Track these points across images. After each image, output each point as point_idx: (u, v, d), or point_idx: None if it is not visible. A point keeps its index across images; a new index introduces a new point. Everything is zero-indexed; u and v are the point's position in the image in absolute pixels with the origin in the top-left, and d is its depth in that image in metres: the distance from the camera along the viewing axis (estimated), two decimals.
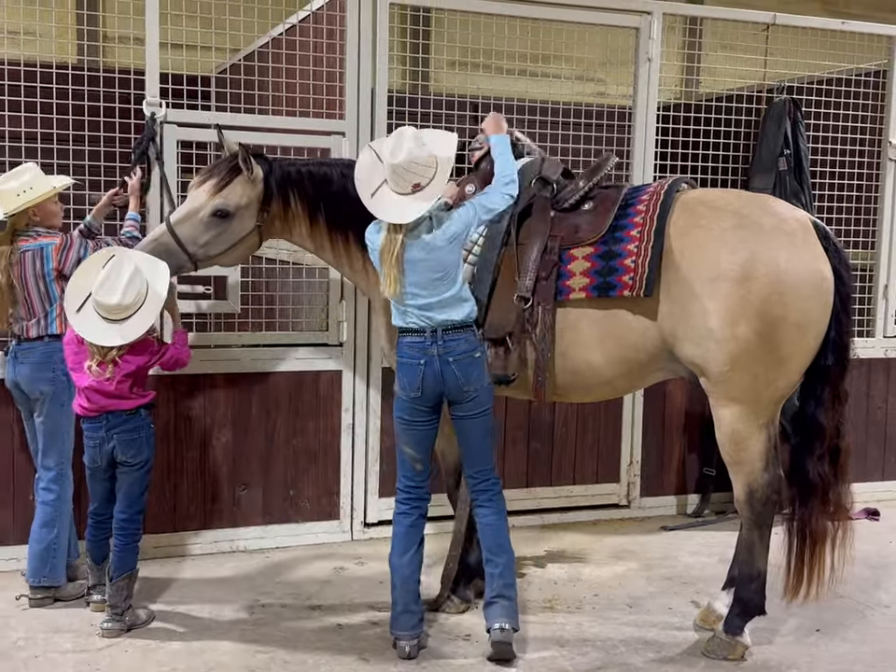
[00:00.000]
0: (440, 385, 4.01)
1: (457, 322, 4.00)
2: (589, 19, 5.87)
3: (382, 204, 3.92)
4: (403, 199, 3.87)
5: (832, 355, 4.10)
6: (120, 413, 4.23)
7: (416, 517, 4.19)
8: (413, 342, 4.03)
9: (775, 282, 3.94)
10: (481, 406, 4.07)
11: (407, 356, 4.04)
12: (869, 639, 4.47)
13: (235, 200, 4.32)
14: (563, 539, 5.76)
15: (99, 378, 4.15)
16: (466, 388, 4.01)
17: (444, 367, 3.98)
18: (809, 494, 4.15)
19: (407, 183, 3.85)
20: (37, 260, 4.46)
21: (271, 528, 5.48)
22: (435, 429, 4.17)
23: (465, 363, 4.00)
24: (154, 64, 5.03)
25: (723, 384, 4.04)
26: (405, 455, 4.19)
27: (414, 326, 4.01)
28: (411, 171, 3.83)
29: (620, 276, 4.10)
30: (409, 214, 3.86)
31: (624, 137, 6.01)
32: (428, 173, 3.87)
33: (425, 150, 3.87)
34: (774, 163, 6.33)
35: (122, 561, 4.30)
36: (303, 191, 4.44)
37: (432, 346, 3.98)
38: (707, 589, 4.92)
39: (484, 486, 4.17)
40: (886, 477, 6.72)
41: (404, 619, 4.12)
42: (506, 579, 4.10)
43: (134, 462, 4.28)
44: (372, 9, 5.35)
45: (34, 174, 4.51)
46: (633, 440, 6.17)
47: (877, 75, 6.53)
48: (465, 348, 4.01)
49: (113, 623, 4.30)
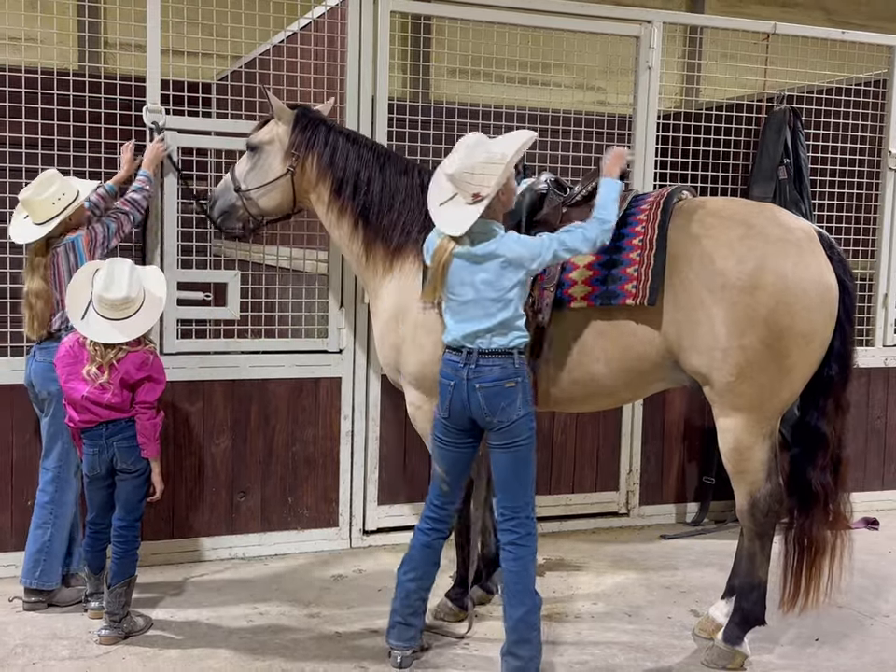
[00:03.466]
0: (466, 410, 3.83)
1: (496, 347, 3.79)
2: (589, 27, 5.88)
3: (441, 215, 3.83)
4: (467, 209, 3.73)
5: (835, 364, 4.10)
6: (119, 421, 4.24)
7: (433, 538, 4.05)
8: (449, 360, 3.88)
9: (782, 291, 3.93)
10: (512, 438, 3.80)
11: (442, 374, 3.91)
12: (869, 649, 4.46)
13: (261, 136, 4.68)
14: (562, 548, 5.75)
15: (96, 381, 4.15)
16: (490, 419, 3.79)
17: (471, 393, 3.79)
18: (811, 503, 4.14)
19: (468, 193, 3.72)
20: (70, 254, 4.46)
21: (269, 536, 5.47)
22: (470, 454, 3.98)
23: (492, 392, 3.77)
24: (155, 71, 5.04)
25: (728, 393, 4.04)
26: (435, 473, 4.05)
27: (454, 344, 3.86)
28: (465, 181, 3.70)
29: (622, 285, 4.08)
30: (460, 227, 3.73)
31: (624, 146, 5.99)
32: (489, 181, 3.70)
33: (481, 158, 3.69)
34: (773, 172, 6.34)
35: (121, 568, 4.30)
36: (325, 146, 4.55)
37: (464, 369, 3.80)
38: (707, 598, 4.91)
39: (510, 526, 3.85)
40: (885, 486, 6.72)
41: (399, 630, 4.06)
42: (519, 634, 3.82)
43: (134, 469, 4.28)
44: (373, 17, 5.36)
45: (60, 182, 4.48)
46: (632, 448, 6.16)
47: (877, 84, 6.54)
48: (497, 376, 3.78)
49: (111, 630, 4.29)
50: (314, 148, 4.56)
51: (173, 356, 5.11)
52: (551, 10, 5.79)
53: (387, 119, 5.44)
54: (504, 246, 3.77)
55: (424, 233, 4.42)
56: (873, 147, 6.50)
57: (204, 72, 6.30)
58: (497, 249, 3.76)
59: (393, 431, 5.65)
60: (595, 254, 4.12)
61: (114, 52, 7.27)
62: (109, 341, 4.15)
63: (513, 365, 3.81)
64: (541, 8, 5.74)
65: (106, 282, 4.11)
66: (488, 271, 3.76)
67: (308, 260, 5.55)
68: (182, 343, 5.22)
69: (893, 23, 11.59)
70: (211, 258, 5.84)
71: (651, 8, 7.78)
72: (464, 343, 3.81)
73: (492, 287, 3.77)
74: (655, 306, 4.05)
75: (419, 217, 4.46)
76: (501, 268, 3.76)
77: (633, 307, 4.09)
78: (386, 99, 5.43)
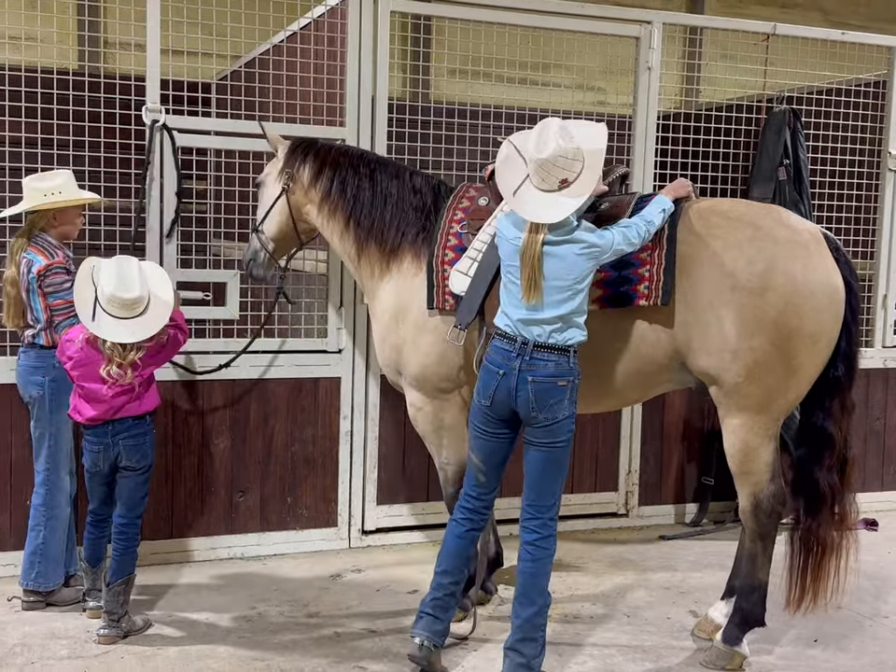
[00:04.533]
0: (511, 402, 3.75)
1: (554, 342, 3.71)
2: (589, 28, 5.88)
3: (525, 202, 3.67)
4: (549, 196, 3.62)
5: (842, 365, 4.11)
6: (126, 419, 4.23)
7: (467, 529, 3.98)
8: (500, 347, 3.77)
9: (792, 293, 3.94)
10: (552, 437, 3.76)
11: (490, 360, 3.80)
12: (868, 650, 4.46)
13: (263, 173, 4.85)
14: (561, 548, 5.66)
15: (119, 381, 4.14)
16: (535, 414, 3.72)
17: (521, 385, 3.70)
18: (818, 504, 4.14)
19: (554, 179, 3.60)
20: (25, 270, 4.45)
21: (268, 535, 5.46)
22: (509, 445, 3.91)
23: (544, 387, 3.70)
24: (155, 70, 5.04)
25: (736, 394, 4.04)
26: (472, 462, 3.97)
27: (509, 331, 3.75)
28: (558, 165, 3.58)
29: (634, 286, 4.06)
30: (556, 213, 3.61)
31: (624, 146, 6.02)
32: (576, 167, 3.61)
33: (572, 143, 3.60)
34: (773, 173, 6.34)
35: (120, 565, 4.29)
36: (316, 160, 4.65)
37: (517, 359, 3.71)
38: (706, 598, 4.91)
39: (533, 526, 3.84)
40: (884, 487, 6.72)
41: (427, 621, 3.94)
42: (525, 632, 3.82)
43: (139, 467, 4.28)
44: (373, 17, 5.36)
45: (65, 179, 4.51)
46: (631, 448, 6.16)
47: (877, 85, 6.55)
48: (551, 372, 3.70)
49: (109, 629, 4.28)
50: (305, 162, 4.65)
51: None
52: (550, 11, 5.79)
53: (387, 119, 5.44)
54: (583, 234, 3.70)
55: (422, 234, 4.42)
56: (872, 147, 6.50)
57: (204, 72, 6.30)
58: (576, 236, 3.68)
59: (392, 431, 5.65)
60: None
61: (114, 52, 7.27)
62: (124, 340, 4.10)
63: (568, 363, 3.75)
64: (541, 9, 5.75)
65: (118, 282, 4.06)
66: (563, 258, 3.67)
67: (308, 260, 5.54)
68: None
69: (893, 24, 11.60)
70: (210, 257, 5.84)
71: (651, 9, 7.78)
72: (520, 331, 3.73)
73: (563, 275, 3.67)
74: (667, 306, 4.04)
75: (414, 218, 4.47)
76: (577, 256, 3.68)
77: (643, 308, 4.08)
78: (386, 99, 5.43)
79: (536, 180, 3.65)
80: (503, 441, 3.89)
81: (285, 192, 4.69)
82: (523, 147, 3.70)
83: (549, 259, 3.67)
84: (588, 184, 3.66)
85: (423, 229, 4.45)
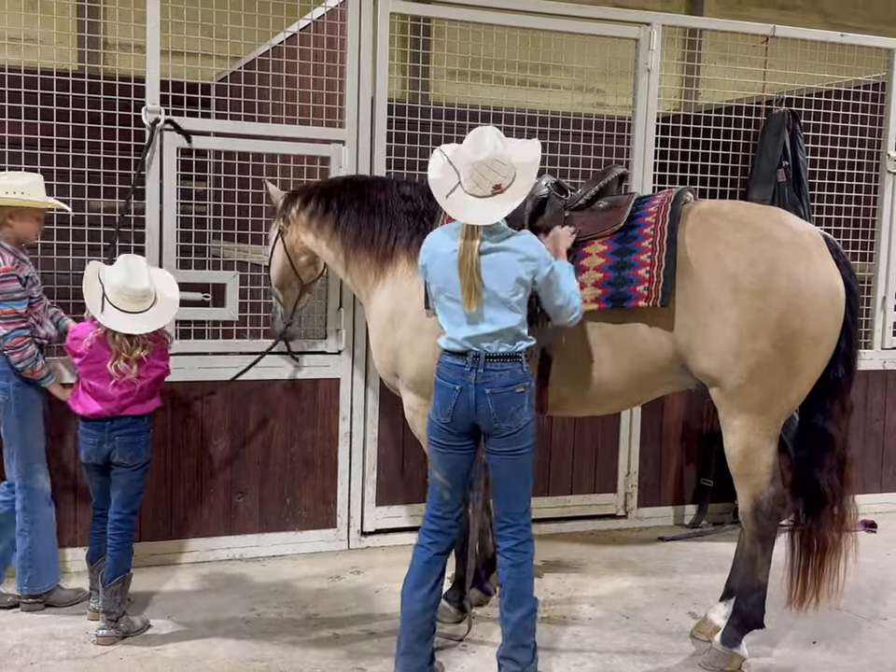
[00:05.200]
0: (472, 415, 3.71)
1: (504, 352, 3.69)
2: (589, 30, 5.88)
3: (456, 206, 3.65)
4: (482, 201, 3.60)
5: (842, 366, 4.12)
6: (125, 417, 4.28)
7: (434, 554, 3.85)
8: (451, 363, 3.74)
9: (794, 295, 3.94)
10: (516, 445, 3.74)
11: (443, 377, 3.77)
12: (866, 652, 4.47)
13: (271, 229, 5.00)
14: (560, 549, 5.75)
15: (125, 376, 4.19)
16: (497, 424, 3.70)
17: (479, 398, 3.67)
18: (819, 505, 4.15)
19: (488, 183, 3.58)
20: None
21: (267, 536, 5.46)
22: (470, 457, 3.84)
23: (502, 397, 3.68)
24: (154, 72, 5.04)
25: (738, 396, 4.04)
26: (434, 480, 3.89)
27: (459, 348, 3.71)
28: (493, 169, 3.57)
29: (634, 287, 4.05)
30: (491, 215, 3.60)
31: (624, 148, 6.02)
32: (510, 174, 3.61)
33: (507, 151, 3.61)
34: (772, 175, 6.35)
35: (117, 562, 4.30)
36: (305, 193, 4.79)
37: (471, 373, 3.68)
38: (705, 600, 4.92)
39: (510, 533, 3.81)
40: (883, 489, 6.72)
41: (406, 660, 3.83)
42: (517, 638, 3.79)
43: (132, 464, 4.31)
44: (373, 18, 5.36)
45: (32, 181, 4.46)
46: (630, 450, 6.16)
47: (876, 87, 6.55)
48: (507, 381, 3.68)
49: (108, 630, 4.29)
50: (295, 200, 4.79)
51: (171, 356, 5.08)
52: (550, 12, 5.79)
53: (386, 121, 5.44)
54: (520, 244, 3.68)
55: (416, 238, 4.42)
56: (871, 149, 6.50)
57: (204, 73, 6.30)
58: (511, 243, 3.66)
59: (391, 432, 5.65)
60: (605, 256, 4.12)
61: (113, 53, 7.26)
62: (132, 331, 4.16)
63: (521, 369, 3.73)
64: (540, 10, 5.75)
65: (127, 275, 4.15)
66: (500, 268, 3.64)
67: None
68: (181, 343, 5.22)
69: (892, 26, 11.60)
70: (210, 258, 5.85)
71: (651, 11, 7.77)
72: (469, 347, 3.70)
73: (501, 285, 3.64)
74: (666, 308, 4.04)
75: (407, 222, 4.51)
76: (513, 266, 3.64)
77: (643, 309, 4.07)
78: (386, 100, 5.44)
79: (468, 185, 3.63)
80: (465, 453, 3.83)
81: (281, 235, 4.84)
82: (453, 157, 3.70)
83: (486, 268, 3.63)
84: (522, 190, 3.65)
85: (417, 231, 4.46)
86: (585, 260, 4.16)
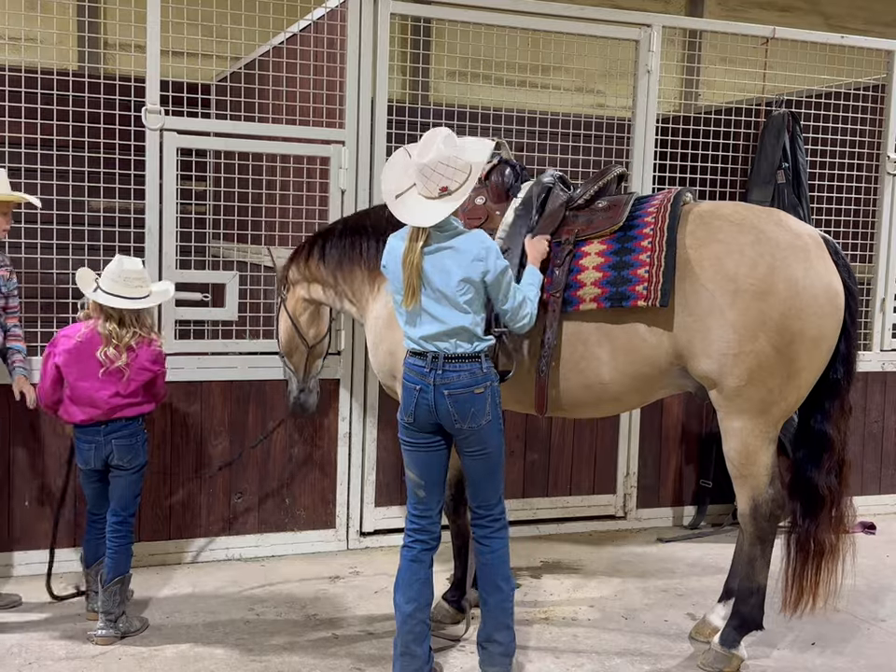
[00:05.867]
0: (433, 415, 3.74)
1: (461, 353, 3.71)
2: (589, 31, 5.88)
3: (405, 206, 3.68)
4: (428, 202, 3.62)
5: (841, 367, 4.12)
6: (118, 420, 4.28)
7: (418, 551, 3.86)
8: (413, 364, 3.78)
9: (793, 297, 3.94)
10: (481, 444, 3.77)
11: (406, 377, 3.81)
12: (865, 654, 4.47)
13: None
14: (559, 550, 5.75)
15: (114, 363, 4.20)
16: (459, 425, 3.72)
17: (439, 399, 3.70)
18: (817, 507, 4.15)
19: (434, 185, 3.60)
20: None
21: (266, 537, 5.46)
22: (443, 454, 3.86)
23: (462, 398, 3.70)
24: (155, 72, 5.04)
25: (737, 398, 4.03)
26: (409, 480, 3.91)
27: (417, 348, 3.76)
28: (438, 172, 3.58)
29: (633, 286, 4.04)
30: (431, 217, 3.61)
31: (623, 149, 6.03)
32: (459, 177, 3.61)
33: (456, 152, 3.61)
34: (772, 176, 6.35)
35: (115, 563, 4.31)
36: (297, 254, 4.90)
37: (430, 374, 3.71)
38: (704, 601, 4.92)
39: (484, 523, 3.89)
40: (882, 491, 6.73)
41: (404, 662, 3.82)
42: (497, 619, 3.87)
43: (130, 466, 4.33)
44: (373, 19, 5.36)
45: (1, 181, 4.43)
46: (630, 451, 6.16)
47: (876, 89, 6.55)
48: (466, 382, 3.70)
49: (107, 630, 4.29)
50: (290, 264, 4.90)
51: (171, 356, 5.07)
52: (550, 13, 5.80)
53: (386, 122, 5.44)
54: (469, 242, 3.68)
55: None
56: (871, 151, 6.51)
57: (204, 73, 6.30)
58: (462, 244, 3.66)
59: (390, 433, 5.64)
60: (604, 256, 4.12)
61: (113, 53, 7.26)
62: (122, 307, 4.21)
63: (482, 369, 3.74)
64: (541, 11, 5.76)
65: (121, 261, 4.26)
66: (443, 267, 3.65)
67: None
68: (180, 343, 5.22)
69: (892, 28, 11.60)
70: (209, 258, 5.85)
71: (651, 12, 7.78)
72: (426, 346, 3.73)
73: (445, 283, 3.65)
74: (665, 309, 4.03)
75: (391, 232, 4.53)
76: (458, 265, 3.65)
77: (643, 309, 4.06)
78: (386, 101, 5.44)
79: (420, 187, 3.64)
80: (435, 451, 3.84)
81: (283, 302, 4.95)
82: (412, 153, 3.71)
83: (431, 267, 3.65)
84: (465, 191, 3.64)
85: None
86: (584, 260, 4.16)
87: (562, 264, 4.14)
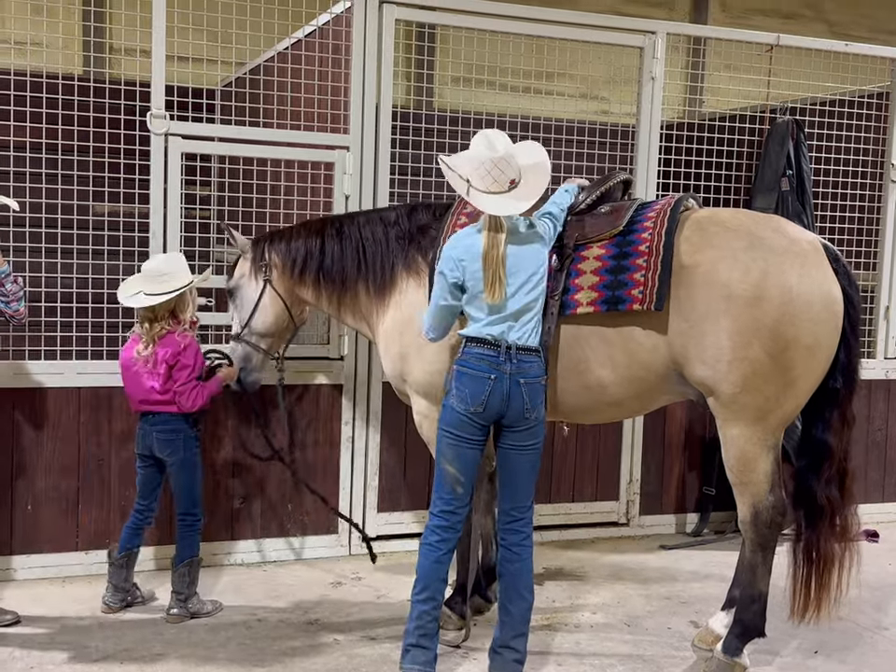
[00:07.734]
0: (504, 405, 3.79)
1: (530, 345, 3.83)
2: (594, 38, 5.90)
3: (482, 202, 3.76)
4: (498, 196, 3.74)
5: (841, 377, 4.10)
6: (162, 414, 4.51)
7: (444, 552, 3.88)
8: (483, 353, 3.79)
9: (787, 303, 3.93)
10: (534, 437, 3.87)
11: (474, 367, 3.80)
12: (868, 662, 4.46)
13: (234, 277, 4.87)
14: (561, 557, 5.74)
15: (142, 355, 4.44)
16: (528, 415, 3.81)
17: (514, 388, 3.78)
18: (817, 516, 4.13)
19: (505, 178, 3.72)
20: None
21: (268, 542, 5.46)
22: (482, 452, 3.92)
23: (534, 388, 3.83)
24: (160, 77, 5.04)
25: (733, 405, 4.02)
26: (446, 474, 3.88)
27: (489, 338, 3.80)
28: (511, 165, 3.73)
29: (629, 290, 4.05)
30: (514, 207, 3.75)
31: (628, 155, 6.03)
32: (519, 172, 3.78)
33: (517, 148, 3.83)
34: (776, 183, 6.35)
35: (181, 548, 4.63)
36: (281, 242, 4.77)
37: (505, 363, 3.78)
38: (706, 609, 4.91)
39: (518, 527, 3.91)
40: (886, 499, 6.71)
41: (415, 653, 3.87)
42: (516, 628, 3.89)
43: (170, 461, 4.55)
44: (378, 25, 5.37)
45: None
46: (632, 458, 6.16)
47: (880, 96, 6.56)
48: (536, 372, 3.84)
49: (178, 609, 4.57)
50: (272, 247, 4.76)
51: None
52: (555, 20, 5.80)
53: (391, 127, 5.45)
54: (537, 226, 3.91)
55: (413, 253, 4.51)
56: (875, 159, 6.52)
57: (209, 78, 6.31)
58: (535, 230, 3.89)
59: (393, 438, 5.65)
60: (602, 260, 4.13)
61: (119, 58, 7.28)
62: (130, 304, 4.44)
63: (541, 362, 3.90)
64: (545, 18, 5.76)
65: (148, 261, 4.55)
66: (524, 257, 3.83)
67: None
68: None
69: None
70: (213, 263, 5.85)
71: (655, 19, 7.78)
72: (501, 337, 3.80)
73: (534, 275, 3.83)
74: (661, 314, 4.03)
75: (398, 246, 4.57)
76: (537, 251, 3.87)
77: (639, 314, 4.07)
78: (390, 107, 5.45)
79: (484, 184, 3.74)
80: (480, 448, 3.90)
81: (268, 283, 4.76)
82: (455, 163, 3.81)
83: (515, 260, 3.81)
84: (536, 189, 3.80)
85: (412, 246, 4.51)
86: (583, 264, 4.17)
87: (561, 268, 4.16)
